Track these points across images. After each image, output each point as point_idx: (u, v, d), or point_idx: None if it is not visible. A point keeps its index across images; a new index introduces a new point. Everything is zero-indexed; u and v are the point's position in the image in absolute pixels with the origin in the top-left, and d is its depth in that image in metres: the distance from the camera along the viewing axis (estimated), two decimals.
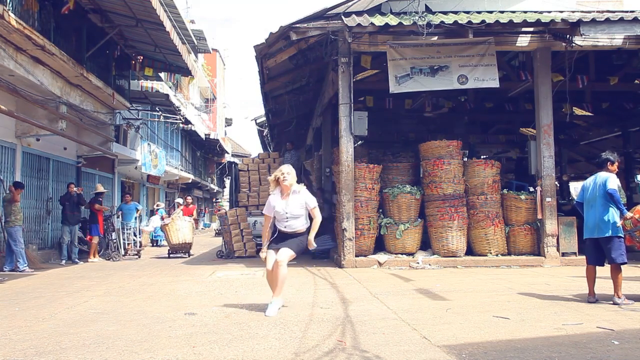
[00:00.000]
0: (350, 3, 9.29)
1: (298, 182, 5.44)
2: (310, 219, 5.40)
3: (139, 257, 13.23)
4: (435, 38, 9.49)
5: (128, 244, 13.72)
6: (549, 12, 9.89)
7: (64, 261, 11.43)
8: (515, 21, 8.99)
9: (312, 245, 5.34)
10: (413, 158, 11.86)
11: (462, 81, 9.57)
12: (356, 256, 9.54)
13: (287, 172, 5.29)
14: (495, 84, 9.64)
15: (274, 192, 5.37)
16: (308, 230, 5.40)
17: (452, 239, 9.90)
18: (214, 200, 43.07)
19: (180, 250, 12.99)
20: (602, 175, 5.80)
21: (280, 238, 5.36)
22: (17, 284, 7.99)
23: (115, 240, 13.06)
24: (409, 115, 15.62)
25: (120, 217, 13.64)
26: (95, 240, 12.48)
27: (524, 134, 16.92)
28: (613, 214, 5.64)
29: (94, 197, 12.68)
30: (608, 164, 5.89)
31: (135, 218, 14.32)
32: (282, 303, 5.42)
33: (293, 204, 5.27)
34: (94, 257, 12.33)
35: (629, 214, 5.73)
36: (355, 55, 10.05)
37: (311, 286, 7.17)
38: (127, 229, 13.78)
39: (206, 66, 32.50)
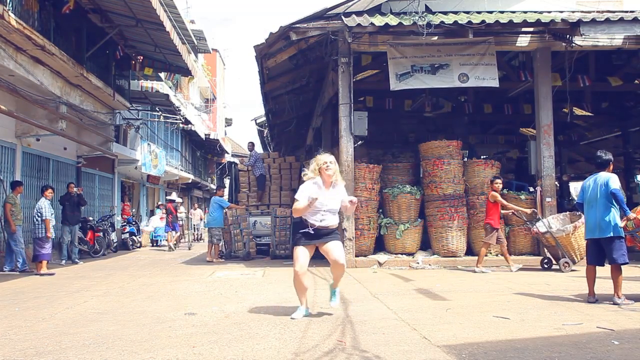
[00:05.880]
0: (350, 3, 9.30)
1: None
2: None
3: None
4: (436, 38, 9.50)
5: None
6: (549, 12, 9.89)
7: (63, 261, 11.40)
8: (515, 21, 9.00)
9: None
10: (413, 158, 11.86)
11: (462, 79, 9.58)
12: (356, 256, 9.54)
13: (330, 161, 4.81)
14: (495, 83, 9.67)
15: (315, 180, 4.86)
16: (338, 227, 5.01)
17: (452, 239, 9.90)
18: None
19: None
20: (603, 176, 5.77)
21: (309, 235, 4.82)
22: (17, 284, 7.98)
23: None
24: (409, 116, 15.62)
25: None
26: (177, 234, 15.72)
27: (524, 134, 16.92)
28: (614, 215, 5.61)
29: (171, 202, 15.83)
30: (610, 164, 5.88)
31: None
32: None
33: (333, 197, 4.83)
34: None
35: (632, 215, 5.70)
36: (355, 55, 10.06)
37: (311, 286, 7.14)
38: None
39: (206, 66, 32.46)
